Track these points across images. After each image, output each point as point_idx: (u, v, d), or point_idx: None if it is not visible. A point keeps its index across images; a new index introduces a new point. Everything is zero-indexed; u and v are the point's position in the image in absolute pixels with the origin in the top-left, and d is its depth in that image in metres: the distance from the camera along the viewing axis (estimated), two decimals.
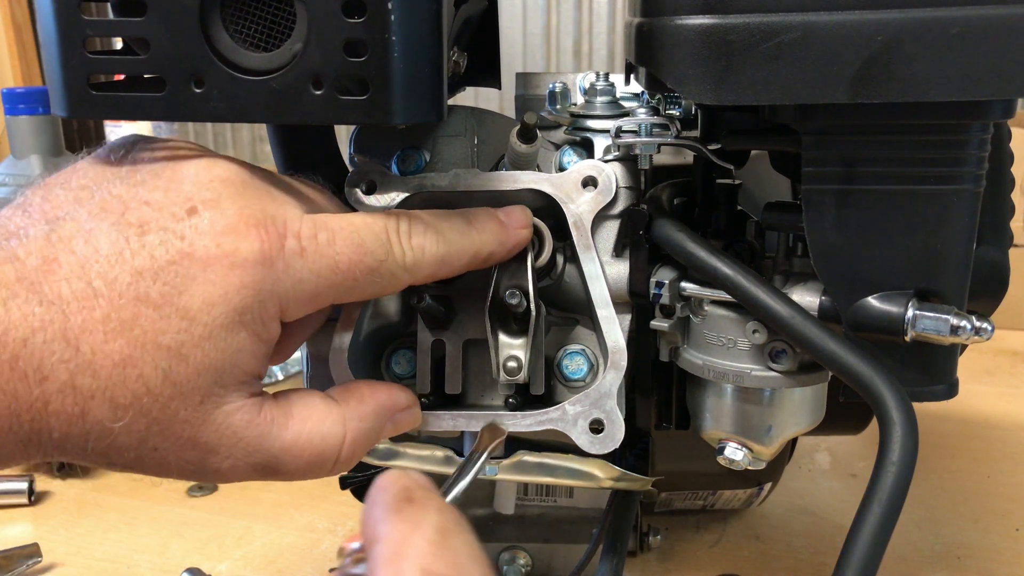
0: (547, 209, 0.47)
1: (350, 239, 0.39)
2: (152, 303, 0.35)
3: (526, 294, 0.45)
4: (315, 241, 0.38)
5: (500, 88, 0.57)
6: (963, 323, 0.41)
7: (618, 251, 0.48)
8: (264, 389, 0.40)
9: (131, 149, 0.40)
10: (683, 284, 0.47)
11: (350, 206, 0.46)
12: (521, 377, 0.45)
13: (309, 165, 0.52)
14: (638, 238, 0.47)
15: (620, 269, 0.48)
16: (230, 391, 0.37)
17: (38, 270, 0.35)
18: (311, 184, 0.44)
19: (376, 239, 0.39)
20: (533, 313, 0.45)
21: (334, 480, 0.63)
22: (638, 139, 0.47)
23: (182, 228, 0.36)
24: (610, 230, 0.48)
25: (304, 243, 0.38)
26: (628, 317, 0.48)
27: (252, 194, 0.38)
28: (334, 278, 0.38)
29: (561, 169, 0.50)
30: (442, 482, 0.46)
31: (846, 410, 0.48)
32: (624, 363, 0.46)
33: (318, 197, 0.43)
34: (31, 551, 0.69)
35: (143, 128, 1.49)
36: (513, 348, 0.45)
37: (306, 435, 0.39)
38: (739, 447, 0.48)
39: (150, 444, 0.36)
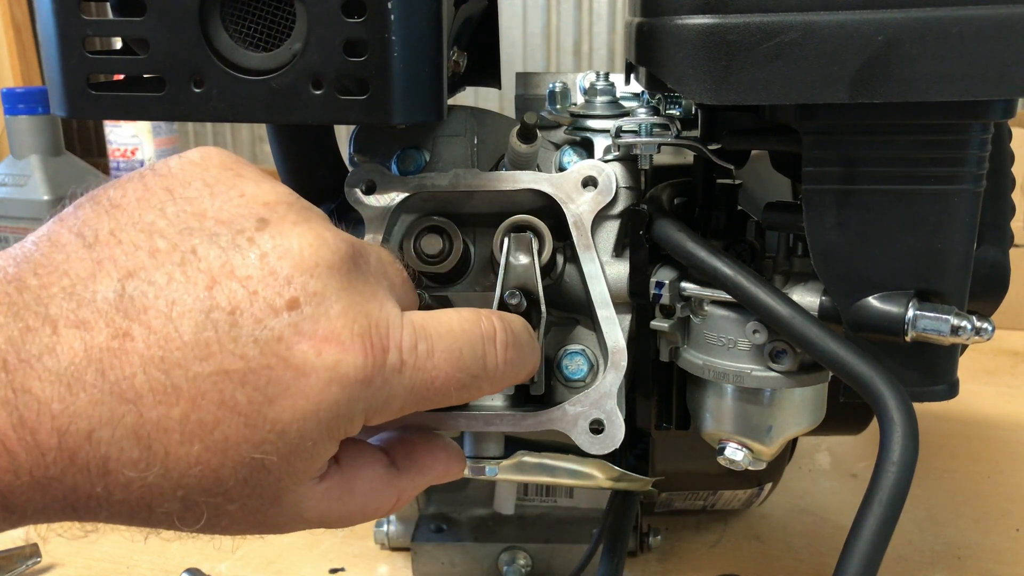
0: (547, 209, 0.47)
1: (448, 351, 0.36)
2: (238, 410, 0.31)
3: (530, 295, 0.45)
4: (415, 353, 0.34)
5: (500, 88, 0.57)
6: (963, 323, 0.41)
7: (618, 251, 0.48)
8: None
9: (217, 185, 0.34)
10: (683, 284, 0.47)
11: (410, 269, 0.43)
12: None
13: (309, 165, 0.52)
14: (638, 238, 0.47)
15: (620, 269, 0.48)
16: (305, 485, 0.35)
17: (108, 349, 0.30)
18: (387, 256, 0.39)
19: (473, 352, 0.37)
20: (543, 313, 0.45)
21: None
22: (638, 139, 0.47)
23: (280, 326, 0.31)
24: (610, 230, 0.48)
25: (405, 356, 0.34)
26: (628, 317, 0.48)
27: (356, 289, 0.34)
28: (426, 394, 0.35)
29: (561, 169, 0.50)
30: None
31: (846, 410, 0.48)
32: (624, 363, 0.46)
33: (396, 275, 0.39)
34: (31, 551, 0.69)
35: (142, 128, 1.49)
36: None
37: (362, 508, 0.38)
38: (739, 447, 0.48)
39: (218, 525, 0.34)
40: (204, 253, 0.32)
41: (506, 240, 0.46)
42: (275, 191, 0.35)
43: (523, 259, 0.46)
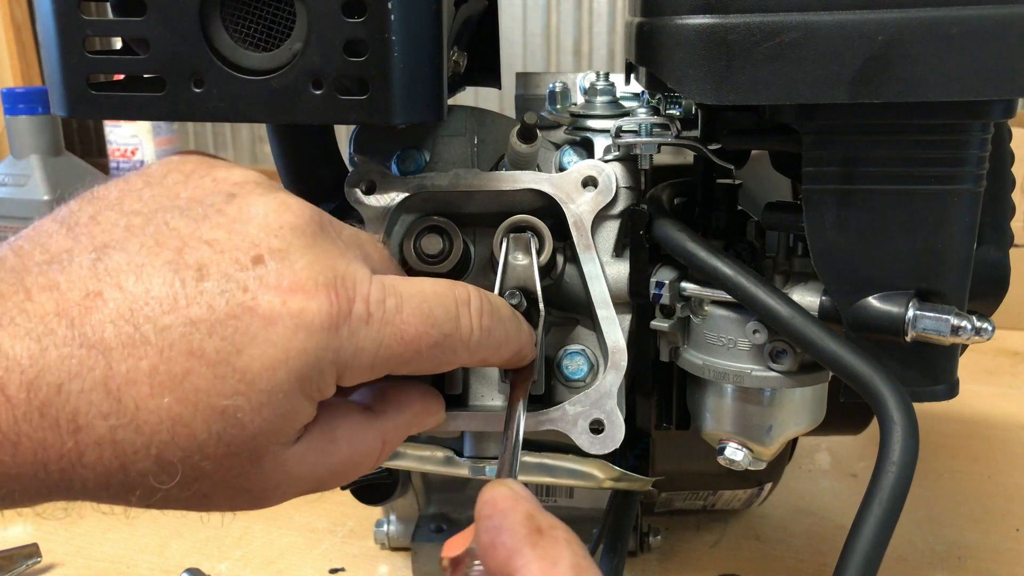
0: (547, 209, 0.47)
1: (419, 308, 0.36)
2: (206, 360, 0.31)
3: (529, 294, 0.45)
4: (383, 307, 0.35)
5: (500, 88, 0.57)
6: (964, 323, 0.41)
7: (618, 251, 0.48)
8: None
9: (192, 174, 0.37)
10: (683, 284, 0.47)
11: (410, 268, 0.45)
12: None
13: (309, 165, 0.52)
14: (638, 238, 0.47)
15: (620, 269, 0.48)
16: (284, 444, 0.35)
17: (80, 305, 0.31)
18: (368, 236, 0.41)
19: (445, 311, 0.37)
20: (543, 312, 0.45)
21: None
22: (638, 139, 0.47)
23: (245, 278, 0.33)
24: (610, 230, 0.48)
25: (372, 308, 0.35)
26: (628, 317, 0.48)
27: (322, 247, 0.35)
28: (397, 349, 0.35)
29: (561, 169, 0.50)
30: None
31: (846, 410, 0.48)
32: (624, 363, 0.46)
33: (374, 251, 0.40)
34: (31, 551, 0.69)
35: (142, 128, 1.49)
36: None
37: (349, 457, 0.38)
38: (739, 447, 0.48)
39: (200, 491, 0.33)
40: (176, 224, 0.34)
41: (505, 240, 0.46)
42: (244, 174, 0.37)
43: (522, 259, 0.46)
